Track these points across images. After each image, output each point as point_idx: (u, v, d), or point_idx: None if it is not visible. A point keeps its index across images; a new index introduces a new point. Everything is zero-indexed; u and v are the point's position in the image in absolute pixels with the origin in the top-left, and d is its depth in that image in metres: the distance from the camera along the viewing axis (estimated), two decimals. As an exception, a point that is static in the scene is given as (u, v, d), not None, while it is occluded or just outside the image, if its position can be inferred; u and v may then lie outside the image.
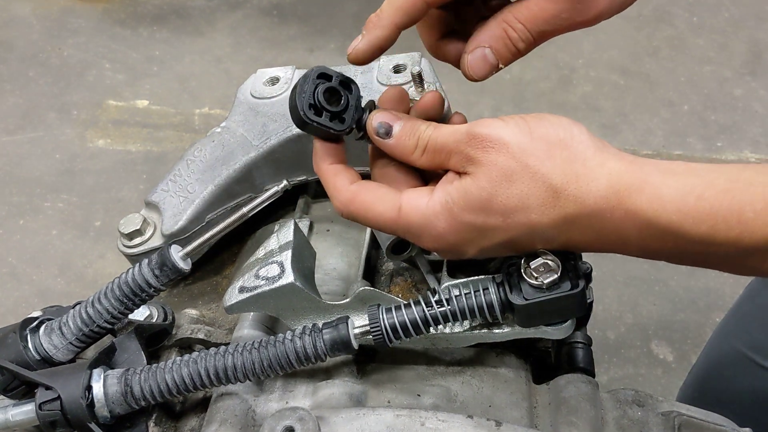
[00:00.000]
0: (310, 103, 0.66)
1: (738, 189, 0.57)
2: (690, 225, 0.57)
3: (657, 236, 0.59)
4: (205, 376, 0.71)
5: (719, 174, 0.58)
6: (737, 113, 2.62)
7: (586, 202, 0.59)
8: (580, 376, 0.78)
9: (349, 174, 0.68)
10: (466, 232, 0.63)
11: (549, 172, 0.60)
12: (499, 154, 0.61)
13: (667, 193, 0.58)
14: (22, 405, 0.70)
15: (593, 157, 0.60)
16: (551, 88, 2.66)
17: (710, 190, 0.57)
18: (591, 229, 0.61)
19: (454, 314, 0.69)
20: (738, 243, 0.57)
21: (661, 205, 0.58)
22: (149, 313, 0.82)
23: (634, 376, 1.98)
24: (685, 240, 0.58)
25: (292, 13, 2.99)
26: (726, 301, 2.08)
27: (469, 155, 0.62)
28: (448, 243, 0.65)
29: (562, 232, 0.62)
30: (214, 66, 2.80)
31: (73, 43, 2.88)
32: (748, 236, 0.56)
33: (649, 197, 0.58)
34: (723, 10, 2.99)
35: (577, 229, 0.61)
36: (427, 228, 0.64)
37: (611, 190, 0.59)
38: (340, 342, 0.70)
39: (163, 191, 0.91)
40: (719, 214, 0.56)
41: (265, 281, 0.74)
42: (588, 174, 0.60)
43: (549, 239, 0.63)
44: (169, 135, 2.57)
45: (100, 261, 2.24)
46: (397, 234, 0.67)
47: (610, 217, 0.59)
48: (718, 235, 0.57)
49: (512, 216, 0.61)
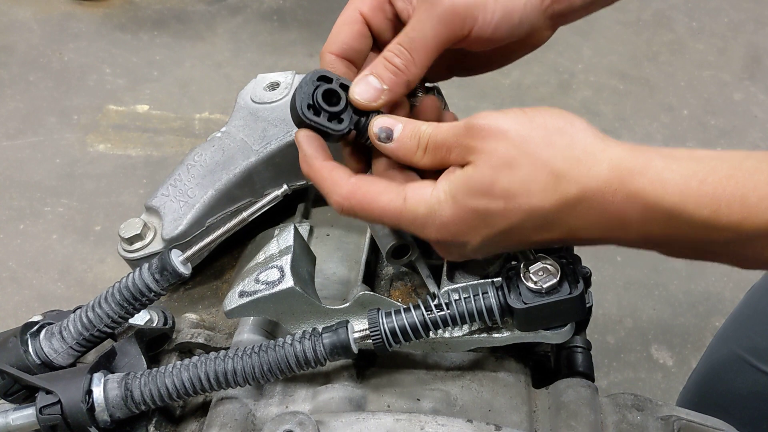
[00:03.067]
0: (309, 103, 0.67)
1: (741, 175, 0.57)
2: (692, 208, 0.57)
3: (659, 220, 0.58)
4: (205, 380, 0.71)
5: (722, 161, 0.58)
6: (737, 117, 2.63)
7: (588, 184, 0.59)
8: (579, 381, 0.78)
9: (345, 168, 0.68)
10: (470, 219, 0.63)
11: (550, 157, 0.60)
12: (498, 143, 0.61)
13: (669, 177, 0.58)
14: (23, 409, 0.70)
15: (593, 143, 0.61)
16: (551, 93, 2.67)
17: (713, 175, 0.57)
18: (593, 212, 0.60)
19: (453, 318, 0.69)
20: (740, 228, 0.56)
21: (663, 188, 0.57)
22: (149, 317, 0.82)
23: (633, 381, 1.98)
24: (687, 224, 0.58)
25: (292, 18, 2.99)
26: (726, 306, 2.08)
27: (469, 146, 0.63)
28: (451, 232, 0.64)
29: (564, 217, 0.61)
30: (215, 71, 2.81)
31: (74, 47, 2.88)
32: (750, 221, 0.56)
33: (651, 180, 0.58)
34: (722, 15, 3.00)
35: (579, 213, 0.60)
36: (431, 217, 0.64)
37: (613, 173, 0.59)
38: (340, 346, 0.70)
39: (163, 196, 0.91)
40: (722, 198, 0.56)
41: (265, 286, 0.74)
42: (589, 158, 0.60)
43: (550, 225, 0.62)
44: (169, 139, 2.58)
45: (100, 265, 2.24)
46: (400, 226, 0.66)
47: (612, 199, 0.59)
48: (720, 219, 0.56)
49: (514, 200, 0.61)
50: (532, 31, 0.73)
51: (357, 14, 0.72)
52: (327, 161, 0.68)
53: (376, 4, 0.72)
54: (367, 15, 0.72)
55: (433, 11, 0.67)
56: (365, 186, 0.66)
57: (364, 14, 0.72)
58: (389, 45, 0.69)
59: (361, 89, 0.68)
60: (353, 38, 0.72)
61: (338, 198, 0.66)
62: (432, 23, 0.68)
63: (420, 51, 0.68)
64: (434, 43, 0.68)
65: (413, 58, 0.68)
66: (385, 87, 0.68)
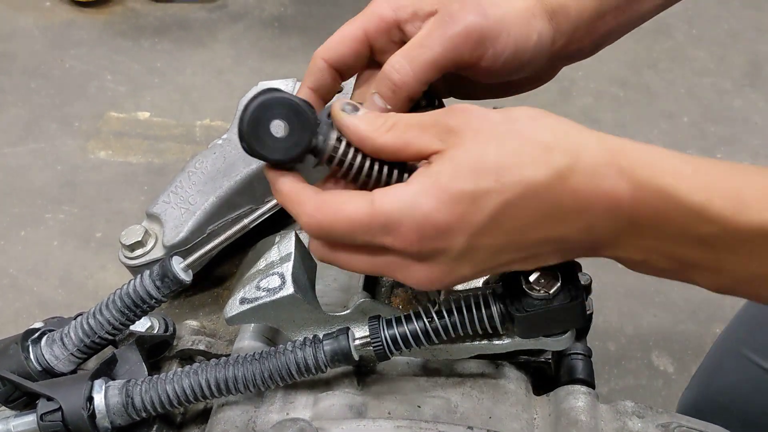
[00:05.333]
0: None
1: (737, 174, 0.56)
2: (685, 191, 0.55)
3: (649, 201, 0.56)
4: (206, 387, 0.71)
5: (714, 162, 0.57)
6: (737, 125, 2.63)
7: (580, 155, 0.56)
8: (580, 388, 0.78)
9: (315, 188, 0.63)
10: (456, 204, 0.56)
11: (537, 131, 0.58)
12: (483, 122, 0.58)
13: (661, 158, 0.57)
14: (24, 416, 0.70)
15: (577, 125, 0.59)
16: (551, 100, 2.67)
17: (709, 166, 0.56)
18: (585, 189, 0.56)
19: (454, 326, 0.69)
20: (731, 222, 0.55)
21: (655, 167, 0.56)
22: (150, 324, 0.82)
23: (634, 388, 1.98)
24: (678, 209, 0.55)
25: (293, 24, 3.00)
26: (726, 313, 2.07)
27: (448, 125, 0.58)
28: (433, 226, 0.57)
29: (558, 195, 0.56)
30: (216, 78, 2.81)
31: (75, 54, 2.89)
32: (743, 217, 0.54)
33: (643, 158, 0.56)
34: (722, 23, 3.00)
35: (572, 188, 0.56)
36: (409, 211, 0.57)
37: (603, 146, 0.57)
38: (341, 353, 0.70)
39: (164, 203, 0.91)
40: (717, 187, 0.55)
41: (266, 293, 0.74)
42: (577, 132, 0.58)
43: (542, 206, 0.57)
44: (170, 146, 2.58)
45: (100, 272, 2.24)
46: (372, 233, 0.59)
47: (605, 172, 0.56)
48: (712, 208, 0.55)
49: (505, 174, 0.56)
50: (539, 71, 0.73)
51: (361, 33, 0.70)
52: (295, 184, 0.63)
53: (384, 27, 0.70)
54: (372, 36, 0.70)
55: (447, 30, 0.66)
56: (330, 198, 0.60)
57: (369, 35, 0.70)
58: (392, 58, 0.67)
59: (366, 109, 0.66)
60: (350, 55, 0.71)
61: (306, 217, 0.60)
62: (442, 41, 0.66)
63: (424, 67, 0.66)
64: (441, 62, 0.66)
65: (415, 74, 0.66)
66: (388, 106, 0.67)
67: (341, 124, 0.62)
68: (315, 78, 0.72)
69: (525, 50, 0.69)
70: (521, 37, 0.68)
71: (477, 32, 0.66)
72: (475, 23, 0.66)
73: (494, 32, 0.67)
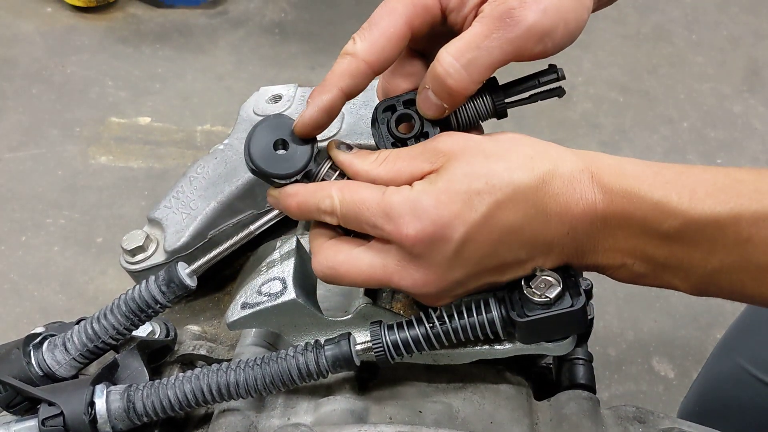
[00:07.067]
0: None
1: (692, 174, 0.64)
2: (646, 189, 0.63)
3: (617, 202, 0.63)
4: (207, 392, 0.71)
5: (674, 166, 0.65)
6: (736, 130, 2.63)
7: (558, 164, 0.64)
8: (581, 393, 0.78)
9: None
10: (452, 203, 0.62)
11: (519, 146, 0.65)
12: (468, 140, 0.65)
13: (627, 166, 0.65)
14: (25, 421, 0.70)
15: (554, 144, 0.67)
16: (551, 106, 2.68)
17: (667, 169, 0.64)
18: (565, 193, 0.63)
19: (455, 331, 0.69)
20: (687, 214, 0.62)
21: (621, 172, 0.64)
22: (152, 329, 0.82)
23: (635, 393, 1.98)
24: (642, 206, 0.62)
25: (293, 31, 3.01)
26: (727, 318, 2.07)
27: (437, 148, 0.65)
28: (432, 220, 0.62)
29: (541, 198, 0.63)
30: (216, 83, 2.82)
31: (76, 60, 2.89)
32: (699, 209, 0.61)
33: (611, 166, 0.65)
34: (722, 28, 3.01)
35: (553, 192, 0.63)
36: (410, 205, 0.63)
37: (577, 157, 0.65)
38: (342, 359, 0.70)
39: (165, 208, 0.92)
40: (674, 186, 0.63)
41: (268, 297, 0.74)
42: (554, 149, 0.66)
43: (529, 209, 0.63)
44: (171, 152, 2.58)
45: (101, 277, 2.24)
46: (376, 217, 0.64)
47: (580, 177, 0.64)
48: (671, 203, 0.62)
49: (495, 177, 0.63)
50: None
51: (407, 30, 0.67)
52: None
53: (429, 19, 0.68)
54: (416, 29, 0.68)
55: (507, 32, 0.64)
56: (352, 183, 0.67)
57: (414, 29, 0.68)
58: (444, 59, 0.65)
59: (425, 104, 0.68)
60: (396, 55, 0.68)
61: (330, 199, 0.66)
62: (501, 43, 0.65)
63: (481, 70, 0.66)
64: (498, 64, 0.66)
65: (471, 78, 0.66)
66: (445, 105, 0.68)
67: (338, 161, 0.69)
68: (353, 82, 0.68)
69: (578, 31, 0.69)
70: (576, 22, 0.68)
71: (538, 33, 0.65)
72: (536, 23, 0.65)
73: (553, 27, 0.66)
